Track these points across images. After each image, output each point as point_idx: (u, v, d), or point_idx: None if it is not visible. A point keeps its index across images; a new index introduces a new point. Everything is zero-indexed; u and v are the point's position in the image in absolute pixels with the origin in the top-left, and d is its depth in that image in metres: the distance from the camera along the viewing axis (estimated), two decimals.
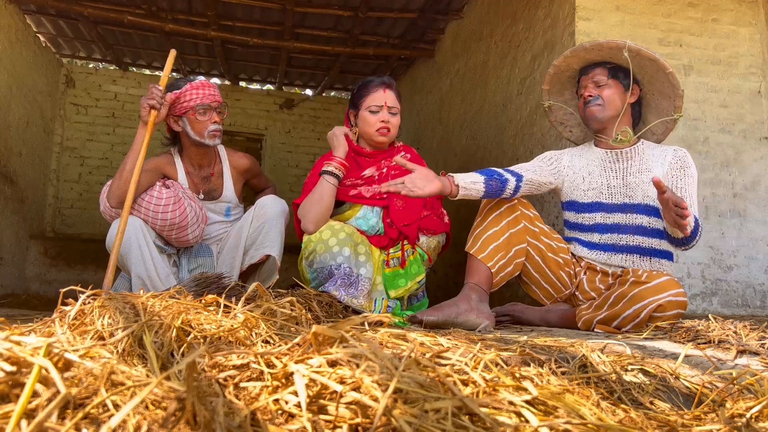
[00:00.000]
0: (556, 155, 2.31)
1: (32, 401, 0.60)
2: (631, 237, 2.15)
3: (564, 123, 2.45)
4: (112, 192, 2.30)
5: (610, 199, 2.19)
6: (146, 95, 2.28)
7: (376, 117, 2.40)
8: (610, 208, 2.19)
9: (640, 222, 2.14)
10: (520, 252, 2.09)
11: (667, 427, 0.81)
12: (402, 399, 0.66)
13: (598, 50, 2.17)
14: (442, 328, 1.80)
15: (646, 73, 2.17)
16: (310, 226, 2.31)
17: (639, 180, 2.15)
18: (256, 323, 1.09)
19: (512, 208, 2.10)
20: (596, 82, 2.18)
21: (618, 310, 1.91)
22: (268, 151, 7.01)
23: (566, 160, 2.29)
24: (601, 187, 2.21)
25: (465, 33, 4.60)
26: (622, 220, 2.16)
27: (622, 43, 2.10)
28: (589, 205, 2.23)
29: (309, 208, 2.34)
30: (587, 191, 2.23)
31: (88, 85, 6.41)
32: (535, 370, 0.92)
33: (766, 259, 3.00)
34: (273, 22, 5.02)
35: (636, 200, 2.15)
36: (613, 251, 2.17)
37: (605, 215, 2.19)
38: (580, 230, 2.25)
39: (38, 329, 1.01)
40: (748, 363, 1.19)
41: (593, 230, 2.21)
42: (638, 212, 2.14)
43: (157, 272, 2.29)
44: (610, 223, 2.18)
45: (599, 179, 2.21)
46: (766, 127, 3.11)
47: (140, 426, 0.58)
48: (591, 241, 2.21)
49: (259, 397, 0.70)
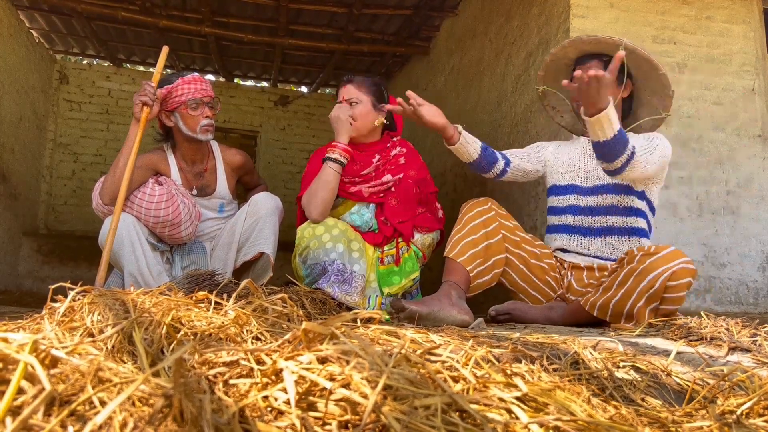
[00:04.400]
0: (544, 144, 2.43)
1: (18, 398, 0.59)
2: (603, 218, 2.19)
3: (556, 108, 2.48)
4: (105, 189, 2.29)
5: (584, 183, 2.26)
6: (138, 92, 2.27)
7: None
8: (584, 191, 2.25)
9: (611, 202, 2.19)
10: (499, 263, 2.12)
11: (657, 424, 0.81)
12: (392, 396, 0.66)
13: (596, 43, 2.19)
14: (423, 321, 1.80)
15: (640, 70, 2.19)
16: (314, 214, 2.26)
17: None
18: (247, 320, 1.09)
19: (491, 219, 2.12)
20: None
21: (630, 286, 1.89)
22: (263, 148, 6.99)
23: (551, 148, 2.39)
24: (578, 170, 2.28)
25: (460, 30, 4.59)
26: (594, 203, 2.22)
27: (620, 40, 2.13)
28: (564, 187, 2.30)
29: (313, 196, 2.28)
30: (564, 174, 2.31)
31: (81, 81, 6.38)
32: (526, 367, 0.92)
33: (759, 257, 3.01)
34: (267, 19, 5.00)
35: (606, 180, 2.21)
36: (590, 235, 2.20)
37: (578, 197, 2.25)
38: (556, 213, 2.32)
39: (27, 326, 1.00)
40: (740, 360, 1.20)
41: (566, 212, 2.27)
42: (609, 192, 2.20)
43: (149, 269, 2.28)
44: (583, 206, 2.24)
45: (577, 164, 2.29)
46: (760, 125, 3.12)
47: (126, 423, 0.58)
48: (566, 223, 2.26)
49: (249, 394, 0.70)
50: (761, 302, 2.97)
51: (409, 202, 2.41)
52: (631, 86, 2.23)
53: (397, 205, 2.40)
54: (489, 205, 2.14)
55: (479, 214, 2.12)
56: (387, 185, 2.42)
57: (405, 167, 2.47)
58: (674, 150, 2.98)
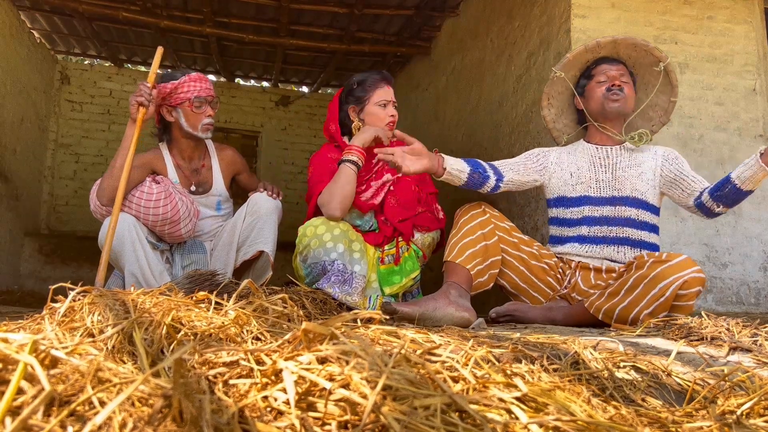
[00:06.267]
0: (544, 152, 2.36)
1: (17, 398, 0.59)
2: (620, 229, 2.18)
3: (552, 97, 2.41)
4: (103, 190, 2.29)
5: (598, 193, 2.24)
6: (134, 93, 2.28)
7: (385, 111, 2.43)
8: (598, 201, 2.23)
9: (628, 214, 2.18)
10: (495, 264, 2.12)
11: (658, 424, 0.81)
12: (391, 396, 0.66)
13: (633, 48, 2.25)
14: (420, 321, 1.80)
15: (650, 83, 2.23)
16: (336, 212, 2.24)
17: (628, 174, 2.21)
18: (248, 320, 1.09)
19: (486, 221, 2.12)
20: (622, 75, 2.23)
21: (640, 293, 1.88)
22: (264, 148, 7.00)
23: (554, 157, 2.33)
24: (590, 181, 2.25)
25: (461, 30, 4.59)
26: (610, 213, 2.20)
27: (664, 57, 2.22)
28: (577, 199, 2.27)
29: (333, 194, 2.26)
30: (575, 186, 2.27)
31: (83, 81, 6.39)
32: (526, 367, 0.92)
33: (760, 257, 3.01)
34: (269, 19, 5.00)
35: (624, 193, 2.20)
36: (604, 243, 2.19)
37: (593, 208, 2.23)
38: (569, 225, 2.28)
39: (27, 326, 1.00)
40: (740, 360, 1.19)
41: (581, 223, 2.24)
42: (626, 205, 2.19)
43: (150, 269, 2.28)
44: (598, 216, 2.22)
45: (587, 173, 2.26)
46: (761, 125, 3.12)
47: (126, 423, 0.58)
48: (580, 234, 2.24)
49: (248, 395, 0.70)
50: (762, 302, 2.97)
51: (409, 201, 2.41)
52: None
53: (397, 204, 2.40)
54: (483, 208, 2.16)
55: (474, 217, 2.13)
56: (386, 185, 2.42)
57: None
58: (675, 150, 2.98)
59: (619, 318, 1.93)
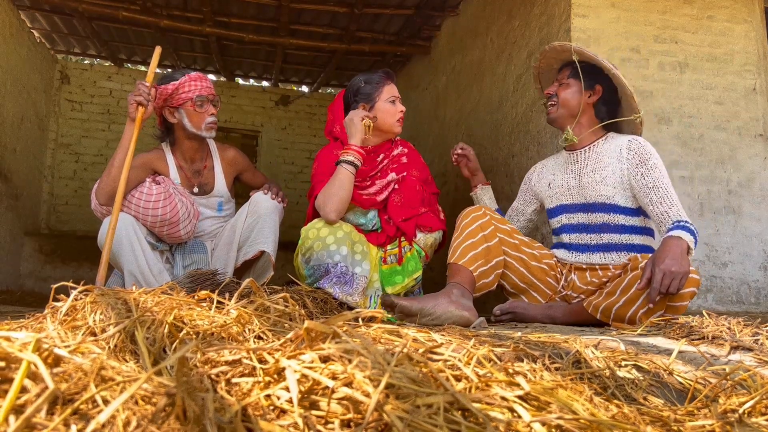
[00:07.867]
0: (527, 177, 2.50)
1: (21, 397, 0.59)
2: (597, 236, 2.19)
3: None
4: (101, 189, 2.29)
5: (570, 200, 2.27)
6: (133, 92, 2.27)
7: (395, 107, 2.45)
8: (572, 209, 2.26)
9: (601, 220, 2.18)
10: (499, 264, 2.14)
11: (659, 423, 0.81)
12: (394, 394, 0.66)
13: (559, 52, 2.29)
14: (418, 318, 1.80)
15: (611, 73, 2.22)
16: (332, 215, 2.23)
17: (592, 179, 2.19)
18: (249, 319, 1.09)
19: (487, 223, 2.15)
20: (559, 81, 2.28)
21: (634, 293, 1.90)
22: (264, 147, 6.99)
23: (535, 177, 2.45)
24: (562, 189, 2.30)
25: (461, 30, 4.59)
26: (585, 220, 2.22)
27: (568, 45, 2.23)
28: (555, 208, 2.33)
29: (329, 197, 2.25)
30: (552, 197, 2.34)
31: (83, 81, 6.38)
32: (528, 366, 0.92)
33: (760, 256, 3.01)
34: (269, 19, 5.00)
35: (591, 200, 2.20)
36: (588, 251, 2.20)
37: (569, 216, 2.27)
38: (555, 234, 2.36)
39: (29, 325, 1.00)
40: (742, 359, 1.20)
41: (561, 231, 2.30)
42: (596, 211, 2.19)
43: (149, 268, 2.28)
44: (575, 223, 2.25)
45: (561, 182, 2.31)
46: (761, 125, 3.12)
47: (129, 421, 0.58)
48: (563, 242, 2.29)
49: (251, 393, 0.70)
50: (763, 302, 2.97)
51: (413, 200, 2.41)
52: (601, 90, 2.23)
53: (401, 203, 2.41)
54: (483, 210, 2.19)
55: (475, 219, 2.16)
56: (391, 184, 2.42)
57: (407, 166, 2.47)
58: (675, 149, 2.98)
59: (616, 317, 1.94)
